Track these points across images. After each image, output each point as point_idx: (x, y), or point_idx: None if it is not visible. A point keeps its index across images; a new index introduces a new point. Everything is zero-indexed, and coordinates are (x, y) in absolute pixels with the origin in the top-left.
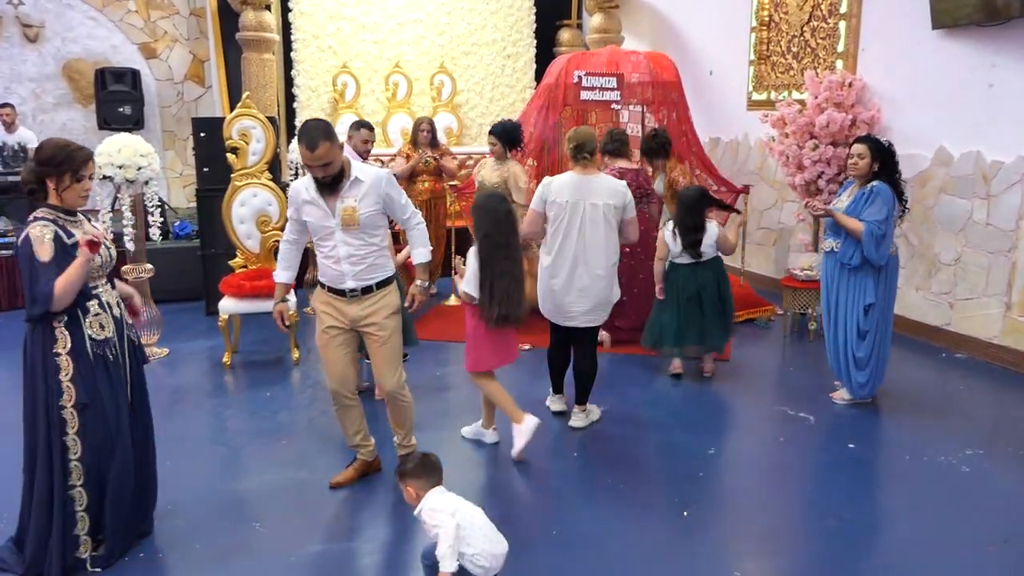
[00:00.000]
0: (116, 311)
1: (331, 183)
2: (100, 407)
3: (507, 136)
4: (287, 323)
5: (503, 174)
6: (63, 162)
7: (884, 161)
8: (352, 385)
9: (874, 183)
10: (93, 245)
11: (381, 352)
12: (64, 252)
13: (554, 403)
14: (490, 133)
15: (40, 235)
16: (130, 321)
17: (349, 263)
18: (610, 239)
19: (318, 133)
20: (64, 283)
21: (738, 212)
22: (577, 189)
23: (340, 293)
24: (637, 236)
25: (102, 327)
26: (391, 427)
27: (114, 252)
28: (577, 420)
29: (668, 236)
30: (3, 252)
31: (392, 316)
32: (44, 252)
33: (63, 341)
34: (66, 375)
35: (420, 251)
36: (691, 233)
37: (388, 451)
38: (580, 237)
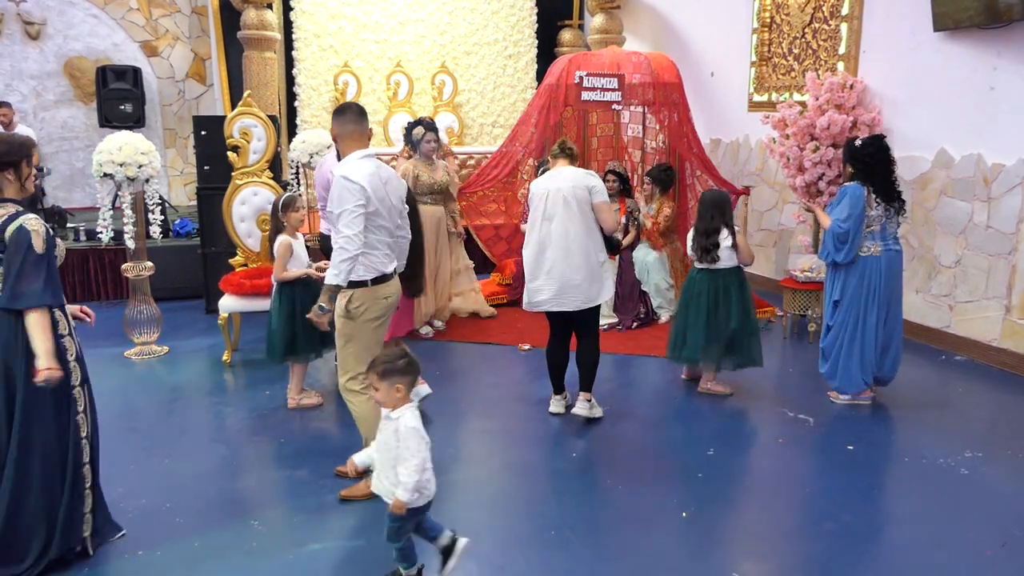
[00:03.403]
0: None
1: None
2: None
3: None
4: None
5: (447, 170)
6: (17, 151)
7: (856, 161)
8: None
9: (847, 183)
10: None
11: (337, 348)
12: (50, 245)
13: (554, 404)
14: (431, 130)
15: (38, 228)
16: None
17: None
18: (576, 221)
19: None
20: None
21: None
22: (548, 183)
23: None
24: (613, 224)
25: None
26: None
27: (63, 248)
28: (581, 408)
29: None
30: None
31: (341, 319)
32: (40, 245)
33: (64, 323)
34: (72, 355)
35: (329, 271)
36: (703, 237)
37: None
38: (545, 222)
